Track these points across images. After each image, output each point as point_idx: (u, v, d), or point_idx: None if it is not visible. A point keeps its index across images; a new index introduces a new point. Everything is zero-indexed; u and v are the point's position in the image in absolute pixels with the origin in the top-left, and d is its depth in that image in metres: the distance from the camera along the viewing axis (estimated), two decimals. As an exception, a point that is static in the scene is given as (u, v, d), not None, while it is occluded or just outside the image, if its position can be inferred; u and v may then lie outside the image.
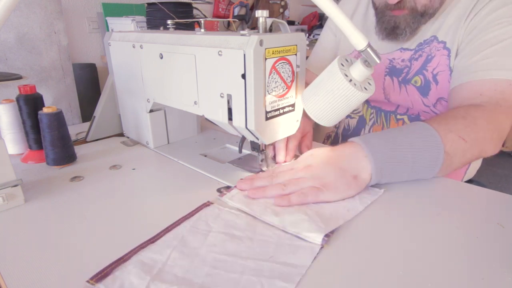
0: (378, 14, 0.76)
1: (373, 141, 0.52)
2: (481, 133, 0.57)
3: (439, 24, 0.72)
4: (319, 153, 0.55)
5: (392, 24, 0.72)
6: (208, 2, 2.21)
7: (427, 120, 0.57)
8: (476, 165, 0.85)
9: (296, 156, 0.62)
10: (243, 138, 0.59)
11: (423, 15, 0.70)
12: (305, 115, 0.56)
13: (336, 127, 0.95)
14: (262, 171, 0.60)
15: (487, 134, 0.57)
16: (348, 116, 0.90)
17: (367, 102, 0.86)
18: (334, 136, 0.96)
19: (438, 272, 0.37)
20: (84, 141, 0.78)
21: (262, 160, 0.59)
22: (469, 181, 0.86)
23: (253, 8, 2.47)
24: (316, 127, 1.01)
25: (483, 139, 0.57)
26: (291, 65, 0.52)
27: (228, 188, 0.55)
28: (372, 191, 0.53)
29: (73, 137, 0.75)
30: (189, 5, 1.18)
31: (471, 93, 0.64)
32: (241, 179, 0.56)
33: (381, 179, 0.53)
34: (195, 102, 0.58)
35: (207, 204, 0.50)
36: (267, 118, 0.51)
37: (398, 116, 0.80)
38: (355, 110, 0.88)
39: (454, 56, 0.69)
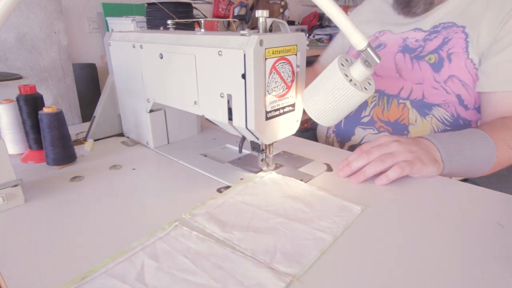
0: None
1: (442, 139, 0.59)
2: None
3: (459, 11, 0.74)
4: (401, 136, 0.59)
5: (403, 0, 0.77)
6: (208, 2, 2.21)
7: (481, 127, 0.64)
8: None
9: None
10: (243, 138, 0.59)
11: None
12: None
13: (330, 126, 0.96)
14: (262, 171, 0.60)
15: None
16: None
17: None
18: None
19: (438, 272, 0.37)
20: (84, 141, 0.77)
21: (262, 160, 0.59)
22: (465, 180, 0.86)
23: (253, 8, 2.47)
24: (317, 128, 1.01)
25: None
26: (291, 65, 0.52)
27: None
28: (348, 212, 0.49)
29: (73, 137, 0.75)
30: (189, 5, 1.18)
31: (505, 102, 0.68)
32: (338, 170, 0.59)
33: (451, 166, 0.57)
34: (195, 102, 0.58)
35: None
36: (267, 118, 0.51)
37: (400, 101, 0.81)
38: None
39: (474, 44, 0.71)
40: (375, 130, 0.83)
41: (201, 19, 0.61)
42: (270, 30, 0.51)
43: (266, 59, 0.47)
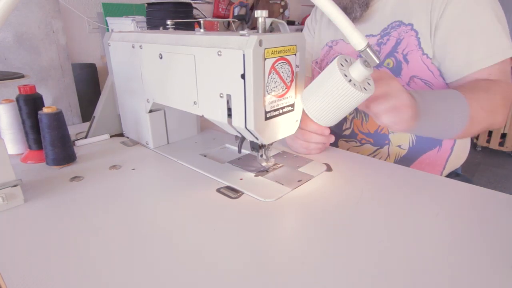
0: None
1: (418, 92, 0.59)
2: (495, 107, 0.65)
3: (400, 8, 0.75)
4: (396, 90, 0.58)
5: (341, 6, 0.75)
6: (208, 2, 2.21)
7: (457, 88, 0.65)
8: (458, 159, 0.85)
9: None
10: (243, 138, 0.59)
11: None
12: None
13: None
14: (262, 170, 0.60)
15: (499, 108, 0.66)
16: None
17: None
18: None
19: (438, 272, 0.37)
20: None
21: (261, 156, 0.59)
22: (456, 175, 0.86)
23: (253, 8, 2.47)
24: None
25: (496, 112, 0.66)
26: (290, 65, 0.52)
27: (228, 188, 0.55)
28: None
29: (73, 137, 0.75)
30: (189, 5, 1.18)
31: (479, 77, 0.69)
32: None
33: (422, 105, 0.56)
34: (194, 102, 0.58)
35: None
36: (266, 118, 0.51)
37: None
38: None
39: (426, 38, 0.72)
40: (358, 143, 0.85)
41: (201, 19, 0.61)
42: (270, 30, 0.51)
43: (265, 59, 0.47)
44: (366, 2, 0.76)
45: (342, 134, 0.87)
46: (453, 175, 0.86)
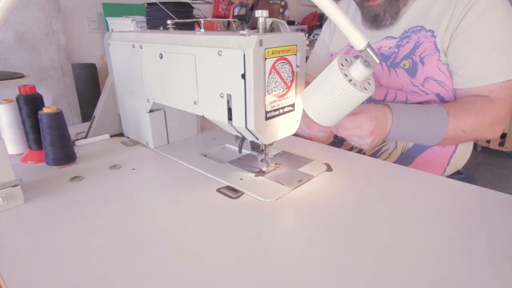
0: (360, 7, 0.85)
1: (401, 110, 0.69)
2: (483, 128, 0.70)
3: (424, 14, 0.77)
4: (379, 120, 0.65)
5: (372, 14, 0.80)
6: (208, 2, 2.21)
7: (449, 105, 0.70)
8: (462, 157, 0.85)
9: None
10: (243, 138, 0.59)
11: (397, 0, 0.77)
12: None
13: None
14: (262, 171, 0.60)
15: (487, 128, 0.70)
16: None
17: None
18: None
19: (438, 272, 0.37)
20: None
21: (262, 160, 0.59)
22: (458, 173, 0.86)
23: (253, 8, 2.47)
24: None
25: (483, 132, 0.71)
26: (290, 65, 0.52)
27: (228, 188, 0.55)
28: None
29: (73, 137, 0.75)
30: (189, 5, 1.18)
31: (481, 93, 0.72)
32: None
33: (398, 123, 0.67)
34: (195, 102, 0.58)
35: None
36: (266, 118, 0.51)
37: (388, 102, 0.85)
38: None
39: (440, 40, 0.75)
40: None
41: (201, 19, 0.61)
42: (270, 30, 0.51)
43: (265, 59, 0.47)
44: (397, 12, 0.78)
45: None
46: (456, 173, 0.86)
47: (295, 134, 0.62)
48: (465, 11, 0.71)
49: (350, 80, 0.47)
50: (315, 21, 2.96)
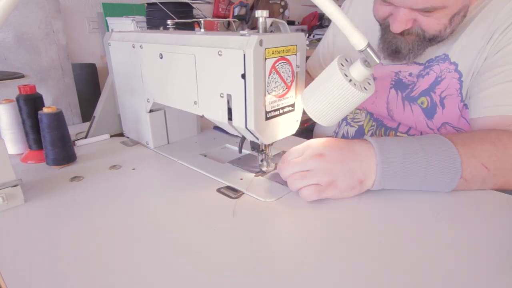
0: (382, 30, 0.69)
1: (388, 150, 0.50)
2: (508, 164, 0.52)
3: (451, 43, 0.66)
4: (332, 145, 0.52)
5: (393, 47, 0.66)
6: (208, 2, 2.21)
7: (452, 135, 0.53)
8: None
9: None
10: (243, 138, 0.59)
11: (430, 41, 0.63)
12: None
13: (335, 132, 0.92)
14: (261, 171, 0.60)
15: None
16: (348, 124, 0.88)
17: (370, 114, 0.82)
18: None
19: (438, 273, 0.37)
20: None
21: (262, 160, 0.59)
22: None
23: (253, 8, 2.47)
24: (315, 131, 1.01)
25: (509, 170, 0.52)
26: (291, 65, 0.52)
27: (228, 188, 0.55)
28: None
29: (73, 137, 0.75)
30: (189, 5, 1.18)
31: (501, 123, 0.58)
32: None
33: (384, 187, 0.52)
34: (195, 102, 0.58)
35: None
36: (267, 118, 0.51)
37: (399, 134, 0.76)
38: (355, 118, 0.86)
39: (467, 82, 0.64)
40: None
41: (201, 19, 0.61)
42: (270, 31, 0.51)
43: (266, 59, 0.47)
44: (423, 52, 0.65)
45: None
46: None
47: (295, 135, 0.61)
48: (502, 36, 0.59)
49: (350, 80, 0.47)
50: (315, 21, 2.96)
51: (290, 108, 0.55)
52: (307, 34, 2.78)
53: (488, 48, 0.61)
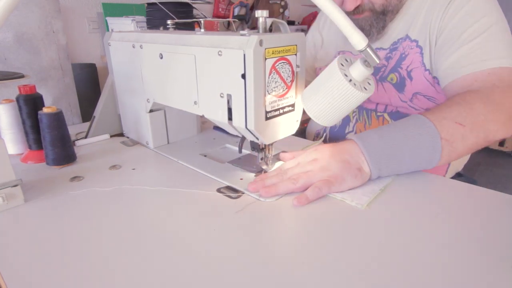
0: None
1: (368, 138, 0.55)
2: (481, 116, 0.56)
3: (409, 23, 0.74)
4: (322, 148, 0.57)
5: (358, 27, 0.73)
6: (208, 2, 2.21)
7: (422, 112, 0.59)
8: (463, 158, 0.85)
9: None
10: (243, 138, 0.59)
11: (384, 13, 0.73)
12: None
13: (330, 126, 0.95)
14: (261, 171, 0.60)
15: (489, 116, 0.56)
16: None
17: None
18: (323, 134, 0.96)
19: (438, 273, 0.37)
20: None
21: (261, 159, 0.59)
22: (458, 175, 0.86)
23: (253, 8, 2.47)
24: (308, 127, 1.01)
25: (484, 121, 0.56)
26: (291, 65, 0.52)
27: (228, 188, 0.55)
28: (374, 183, 0.55)
29: (73, 137, 0.75)
30: (189, 5, 1.18)
31: (464, 83, 0.64)
32: (250, 182, 0.55)
33: (380, 172, 0.55)
34: (195, 102, 0.58)
35: None
36: (267, 118, 0.51)
37: (378, 113, 0.82)
38: None
39: (428, 54, 0.71)
40: None
41: (201, 19, 0.61)
42: (270, 30, 0.51)
43: (266, 59, 0.47)
44: (383, 26, 0.75)
45: (345, 137, 0.87)
46: (456, 176, 0.86)
47: (295, 135, 0.61)
48: (444, 12, 0.68)
49: (350, 80, 0.47)
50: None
51: (290, 108, 0.55)
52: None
53: (437, 23, 0.69)
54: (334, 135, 0.90)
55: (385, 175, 0.56)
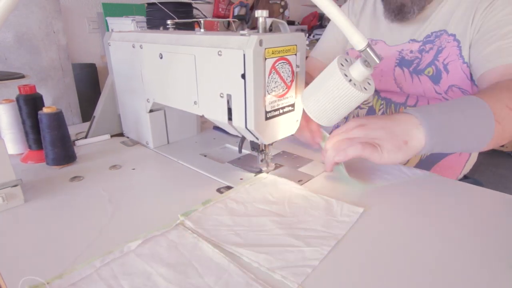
0: None
1: (427, 110, 0.52)
2: None
3: (447, 17, 0.74)
4: (373, 116, 0.56)
5: (397, 3, 0.76)
6: (208, 2, 2.21)
7: (473, 94, 0.58)
8: (471, 161, 0.85)
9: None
10: (243, 138, 0.59)
11: None
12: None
13: (345, 117, 0.95)
14: (262, 171, 0.60)
15: None
16: (358, 107, 0.91)
17: (377, 93, 0.88)
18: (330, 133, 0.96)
19: (439, 272, 0.37)
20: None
21: (262, 160, 0.59)
22: (465, 177, 0.86)
23: (253, 8, 2.47)
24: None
25: None
26: (290, 65, 0.52)
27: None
28: (349, 214, 0.48)
29: (73, 137, 0.75)
30: (189, 5, 1.18)
31: (505, 73, 0.64)
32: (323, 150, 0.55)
33: (434, 147, 0.51)
34: (195, 102, 0.58)
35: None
36: (266, 118, 0.51)
37: (408, 108, 0.81)
38: (365, 100, 0.89)
39: (467, 47, 0.72)
40: None
41: (201, 19, 0.61)
42: (270, 30, 0.51)
43: (265, 59, 0.47)
44: (423, 5, 0.75)
45: None
46: (463, 178, 0.85)
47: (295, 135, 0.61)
48: (487, 7, 0.68)
49: (350, 80, 0.47)
50: (315, 21, 2.96)
51: (290, 108, 0.55)
52: (307, 34, 2.78)
53: (480, 18, 0.69)
54: None
55: (437, 150, 0.53)
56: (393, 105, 0.85)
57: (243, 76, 0.48)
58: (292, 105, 0.55)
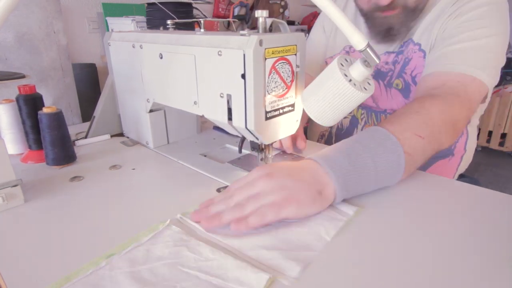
0: (368, 19, 0.76)
1: (331, 157, 0.49)
2: (436, 127, 0.56)
3: (417, 29, 0.73)
4: (277, 164, 0.50)
5: (385, 26, 0.73)
6: (208, 2, 2.22)
7: (381, 122, 0.57)
8: (465, 163, 0.85)
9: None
10: (243, 138, 0.59)
11: (414, 11, 0.70)
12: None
13: (330, 126, 0.95)
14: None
15: (442, 127, 0.57)
16: None
17: None
18: (328, 136, 0.96)
19: (438, 273, 0.37)
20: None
21: (262, 160, 0.59)
22: (461, 176, 0.86)
23: (253, 8, 2.47)
24: (310, 126, 1.01)
25: (439, 133, 0.56)
26: (290, 65, 0.52)
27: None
28: (340, 212, 0.48)
29: (73, 137, 0.75)
30: (189, 5, 1.18)
31: (435, 82, 0.64)
32: (194, 211, 0.47)
33: (347, 194, 0.48)
34: (195, 102, 0.58)
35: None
36: (266, 118, 0.51)
37: (388, 114, 0.81)
38: None
39: (428, 51, 0.71)
40: None
41: (201, 19, 0.61)
42: (270, 30, 0.51)
43: (265, 59, 0.47)
44: (413, 25, 0.73)
45: None
46: (459, 177, 0.86)
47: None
48: (450, 18, 0.67)
49: (350, 80, 0.47)
50: (315, 21, 2.96)
51: (290, 108, 0.55)
52: (307, 34, 2.78)
53: (438, 25, 0.69)
54: (342, 138, 0.90)
55: (351, 196, 0.49)
56: (373, 114, 0.83)
57: (243, 76, 0.48)
58: (292, 105, 0.55)
